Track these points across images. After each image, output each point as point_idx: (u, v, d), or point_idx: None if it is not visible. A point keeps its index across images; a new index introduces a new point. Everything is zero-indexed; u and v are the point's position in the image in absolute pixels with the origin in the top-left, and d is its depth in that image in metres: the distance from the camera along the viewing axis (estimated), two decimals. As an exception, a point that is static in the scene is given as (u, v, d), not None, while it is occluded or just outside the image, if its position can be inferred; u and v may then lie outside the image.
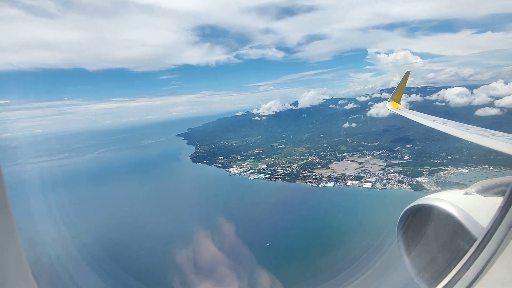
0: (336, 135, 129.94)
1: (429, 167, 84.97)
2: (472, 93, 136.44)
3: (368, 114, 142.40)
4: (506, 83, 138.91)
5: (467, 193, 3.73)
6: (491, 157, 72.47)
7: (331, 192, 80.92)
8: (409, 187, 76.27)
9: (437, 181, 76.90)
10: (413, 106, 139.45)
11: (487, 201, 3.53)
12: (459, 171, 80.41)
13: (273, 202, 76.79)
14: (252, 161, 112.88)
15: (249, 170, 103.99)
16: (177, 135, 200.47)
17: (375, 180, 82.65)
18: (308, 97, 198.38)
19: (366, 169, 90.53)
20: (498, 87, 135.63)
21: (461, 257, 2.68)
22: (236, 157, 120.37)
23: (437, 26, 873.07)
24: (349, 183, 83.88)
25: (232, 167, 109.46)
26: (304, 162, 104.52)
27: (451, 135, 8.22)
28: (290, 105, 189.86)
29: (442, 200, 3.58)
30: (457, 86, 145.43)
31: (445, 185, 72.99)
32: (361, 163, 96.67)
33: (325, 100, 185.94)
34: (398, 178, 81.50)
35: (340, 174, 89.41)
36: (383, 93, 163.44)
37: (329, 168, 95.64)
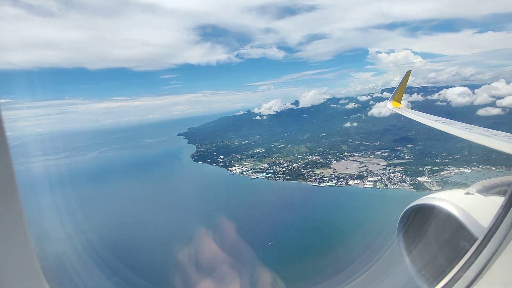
0: (337, 135, 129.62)
1: (430, 167, 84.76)
2: (473, 93, 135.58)
3: (369, 113, 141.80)
4: (508, 82, 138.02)
5: (467, 193, 3.74)
6: (492, 157, 72.26)
7: (332, 192, 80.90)
8: (410, 186, 76.17)
9: (438, 181, 76.73)
10: (415, 106, 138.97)
11: (487, 201, 3.53)
12: (461, 170, 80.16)
13: (274, 201, 76.77)
14: (253, 161, 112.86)
15: (251, 169, 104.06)
16: (178, 135, 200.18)
17: (376, 179, 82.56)
18: (309, 96, 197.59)
19: (368, 169, 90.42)
20: (500, 86, 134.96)
21: (462, 257, 2.69)
22: (237, 156, 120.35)
23: (438, 26, 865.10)
24: (350, 182, 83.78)
25: (234, 166, 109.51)
26: (306, 161, 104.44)
27: (452, 134, 8.22)
28: (291, 104, 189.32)
29: (443, 200, 3.59)
30: (458, 86, 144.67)
31: (446, 184, 72.81)
32: (362, 162, 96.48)
33: (326, 100, 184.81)
34: (399, 177, 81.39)
35: (341, 174, 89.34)
36: (384, 93, 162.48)
37: (330, 168, 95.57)
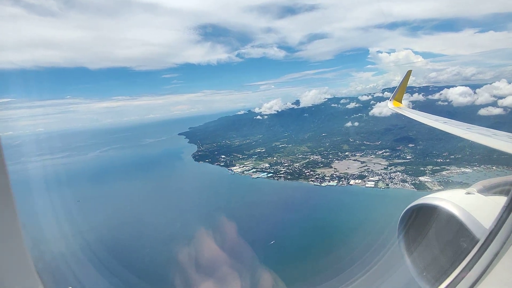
0: (338, 134, 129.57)
1: (432, 167, 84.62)
2: (474, 93, 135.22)
3: (370, 113, 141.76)
4: (509, 82, 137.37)
5: (468, 193, 3.71)
6: (494, 157, 72.03)
7: (334, 191, 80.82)
8: (412, 186, 76.09)
9: (440, 181, 76.59)
10: (416, 106, 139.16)
11: (488, 201, 3.51)
12: (462, 170, 79.97)
13: (276, 200, 76.76)
14: (255, 160, 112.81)
15: (252, 169, 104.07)
16: (178, 134, 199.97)
17: (378, 179, 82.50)
18: (310, 96, 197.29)
19: (369, 168, 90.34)
20: (501, 86, 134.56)
21: (463, 257, 2.66)
22: (238, 156, 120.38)
23: (439, 25, 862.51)
24: (352, 182, 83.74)
25: (235, 165, 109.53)
26: (307, 161, 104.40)
27: (454, 134, 8.19)
28: (292, 104, 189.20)
29: (443, 200, 3.57)
30: (459, 86, 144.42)
31: (448, 184, 72.72)
32: (363, 162, 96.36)
33: (326, 99, 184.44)
34: (401, 177, 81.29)
35: (342, 173, 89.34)
36: (385, 92, 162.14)
37: (331, 167, 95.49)
